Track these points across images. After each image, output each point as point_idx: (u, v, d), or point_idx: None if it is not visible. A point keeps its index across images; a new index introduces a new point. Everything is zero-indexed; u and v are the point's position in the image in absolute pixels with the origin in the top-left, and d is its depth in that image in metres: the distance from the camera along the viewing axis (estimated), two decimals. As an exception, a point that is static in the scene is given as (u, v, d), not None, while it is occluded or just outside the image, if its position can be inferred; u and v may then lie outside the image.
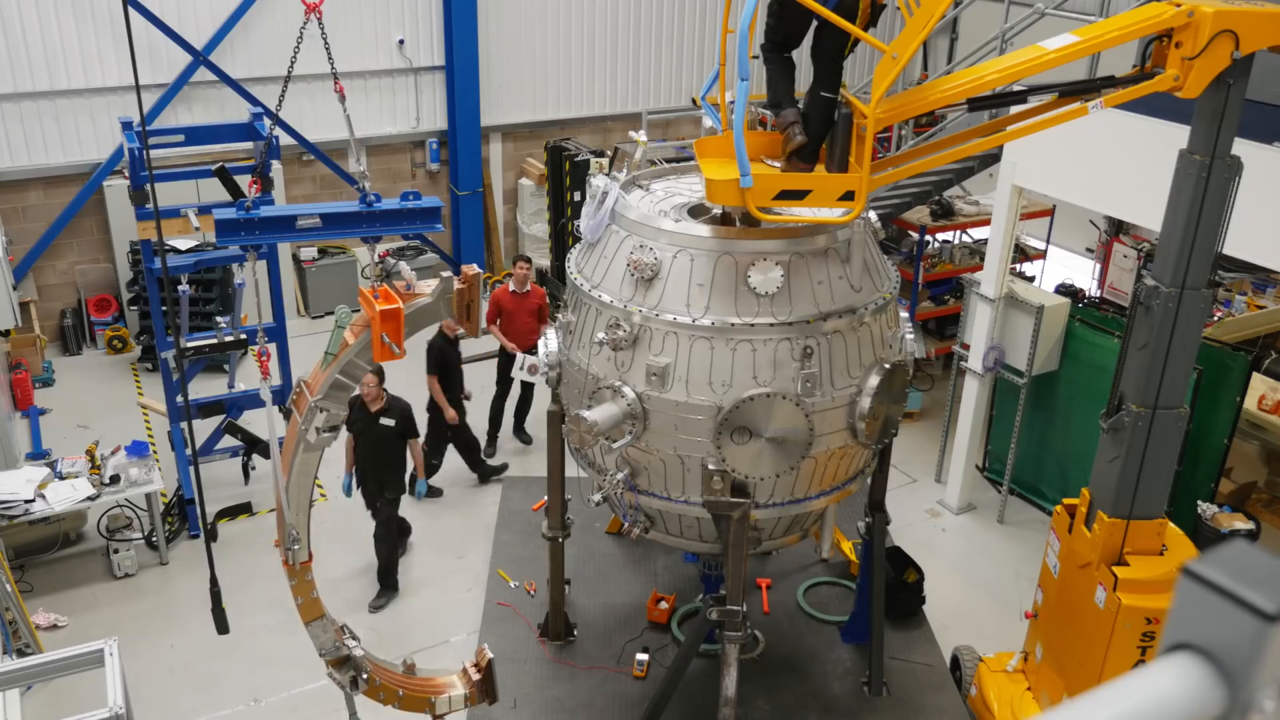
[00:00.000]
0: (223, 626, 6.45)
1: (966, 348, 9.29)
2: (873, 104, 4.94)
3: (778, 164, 5.63)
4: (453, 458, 10.00)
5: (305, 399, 5.34)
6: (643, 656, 7.31)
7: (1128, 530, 5.91)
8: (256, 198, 6.29)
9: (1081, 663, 6.13)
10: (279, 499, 5.51)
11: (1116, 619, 5.80)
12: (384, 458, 8.16)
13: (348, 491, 8.27)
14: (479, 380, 11.82)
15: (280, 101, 6.79)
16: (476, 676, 6.02)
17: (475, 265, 5.47)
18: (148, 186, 8.28)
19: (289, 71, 6.78)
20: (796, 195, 5.22)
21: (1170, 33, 4.98)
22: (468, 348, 12.38)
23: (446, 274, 5.45)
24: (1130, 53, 5.56)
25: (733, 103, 5.65)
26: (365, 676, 5.77)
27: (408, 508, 9.55)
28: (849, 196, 5.17)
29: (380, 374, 7.86)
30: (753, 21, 4.96)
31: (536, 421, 10.28)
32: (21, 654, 7.13)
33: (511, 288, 10.10)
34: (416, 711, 6.02)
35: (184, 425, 8.81)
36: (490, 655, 6.06)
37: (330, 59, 7.05)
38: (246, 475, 9.51)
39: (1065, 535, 6.33)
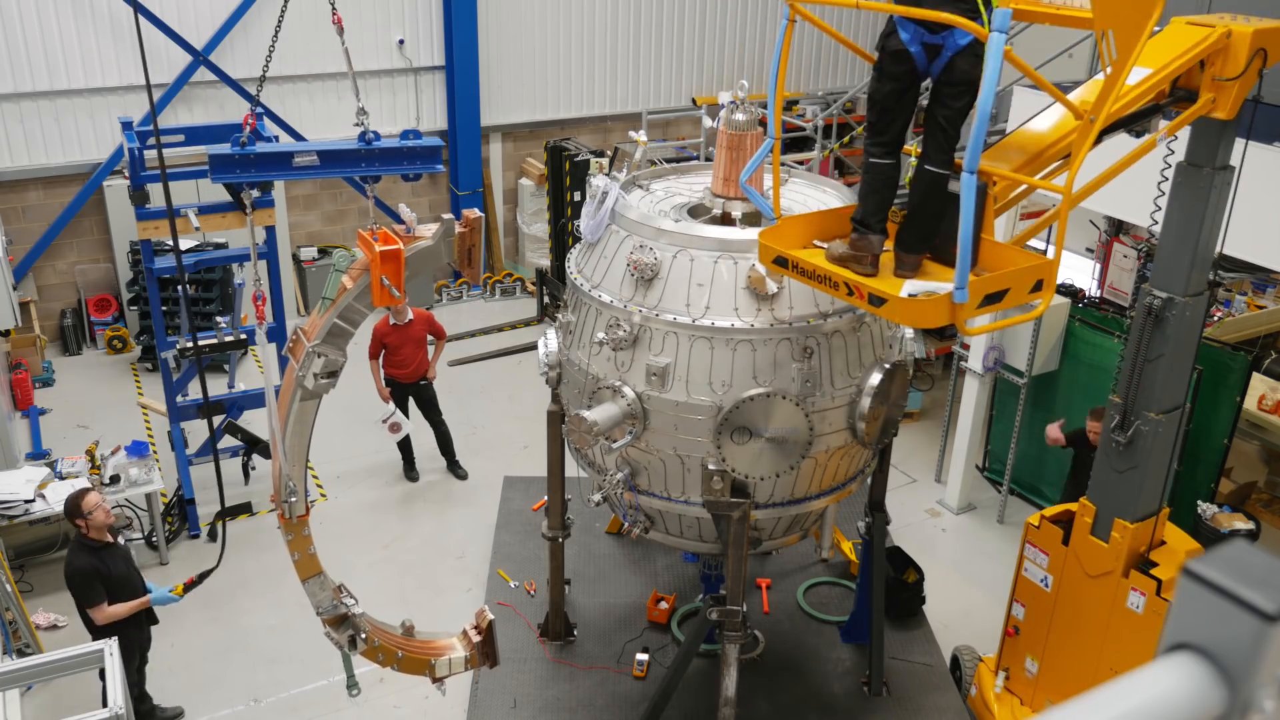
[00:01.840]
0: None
1: (966, 348, 9.30)
2: (1070, 178, 4.25)
3: (825, 245, 4.81)
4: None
5: (302, 345, 5.20)
6: (643, 656, 7.31)
7: (1156, 529, 5.94)
8: (251, 134, 5.97)
9: (1114, 668, 6.07)
10: (274, 450, 5.35)
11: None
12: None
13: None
14: (486, 379, 11.83)
15: (265, 70, 6.37)
16: (477, 639, 5.88)
17: (476, 209, 5.33)
18: (148, 187, 8.31)
19: (275, 35, 6.39)
20: (996, 298, 4.42)
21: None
22: (483, 344, 12.40)
23: (447, 216, 5.35)
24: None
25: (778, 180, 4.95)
26: (363, 637, 5.62)
27: (412, 506, 9.55)
28: (1038, 287, 4.52)
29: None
30: (783, 55, 4.56)
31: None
32: (21, 654, 7.13)
33: (391, 319, 9.19)
34: (415, 674, 5.91)
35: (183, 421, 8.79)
36: (491, 616, 5.91)
37: None
38: (246, 475, 9.51)
39: (1058, 547, 6.31)
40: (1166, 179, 5.53)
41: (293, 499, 5.44)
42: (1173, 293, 5.51)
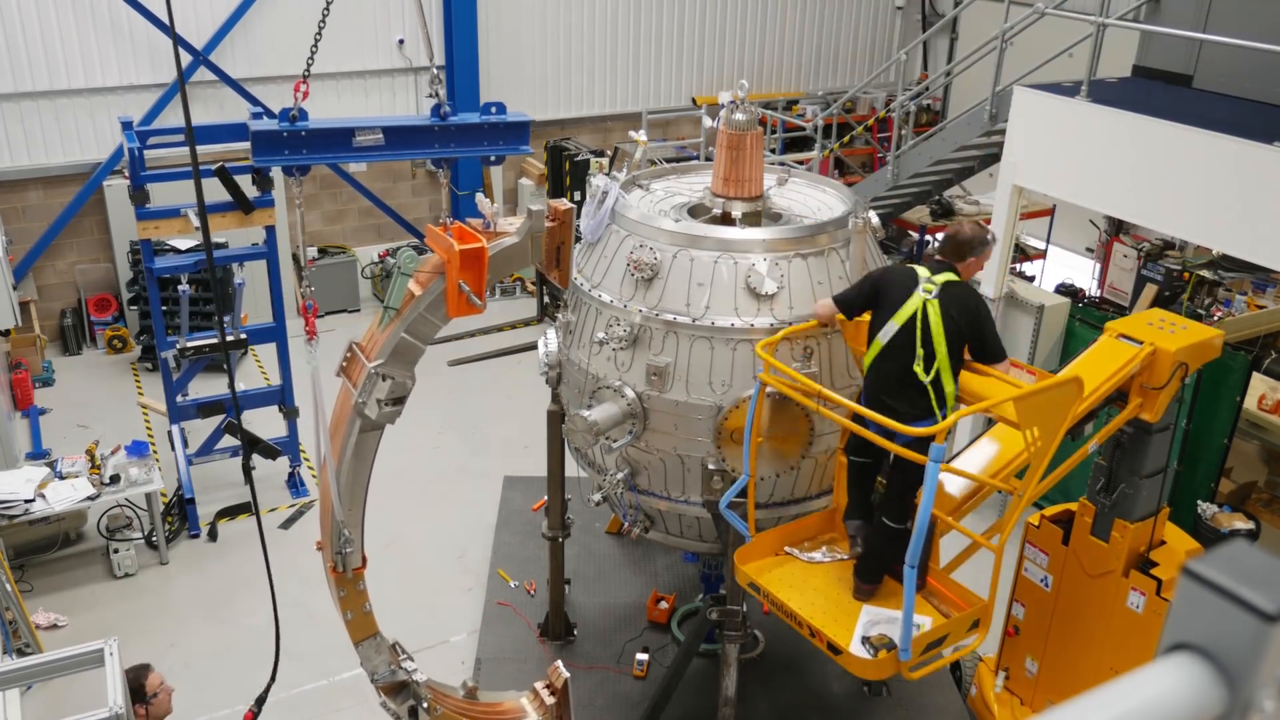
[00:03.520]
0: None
1: (966, 348, 9.29)
2: (1003, 536, 4.94)
3: (796, 551, 5.58)
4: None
5: (360, 364, 4.46)
6: (643, 656, 7.31)
7: (1155, 528, 5.96)
8: (300, 110, 4.89)
9: (1114, 668, 6.07)
10: (324, 491, 4.64)
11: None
12: None
13: None
14: (486, 379, 11.83)
15: (310, 63, 5.51)
16: (551, 699, 5.24)
17: (565, 200, 4.74)
18: (148, 186, 8.31)
19: (320, 27, 5.54)
20: (938, 643, 5.08)
21: None
22: (483, 344, 12.41)
23: (536, 207, 4.68)
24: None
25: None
26: (425, 706, 4.95)
27: (412, 506, 9.56)
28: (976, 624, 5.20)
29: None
30: (757, 414, 5.09)
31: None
32: (21, 654, 7.12)
33: None
34: None
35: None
36: (566, 675, 5.27)
37: None
38: (247, 475, 9.50)
39: (1058, 547, 6.29)
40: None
41: (348, 549, 4.70)
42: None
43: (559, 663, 5.45)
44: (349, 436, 4.57)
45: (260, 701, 5.79)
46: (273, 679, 5.73)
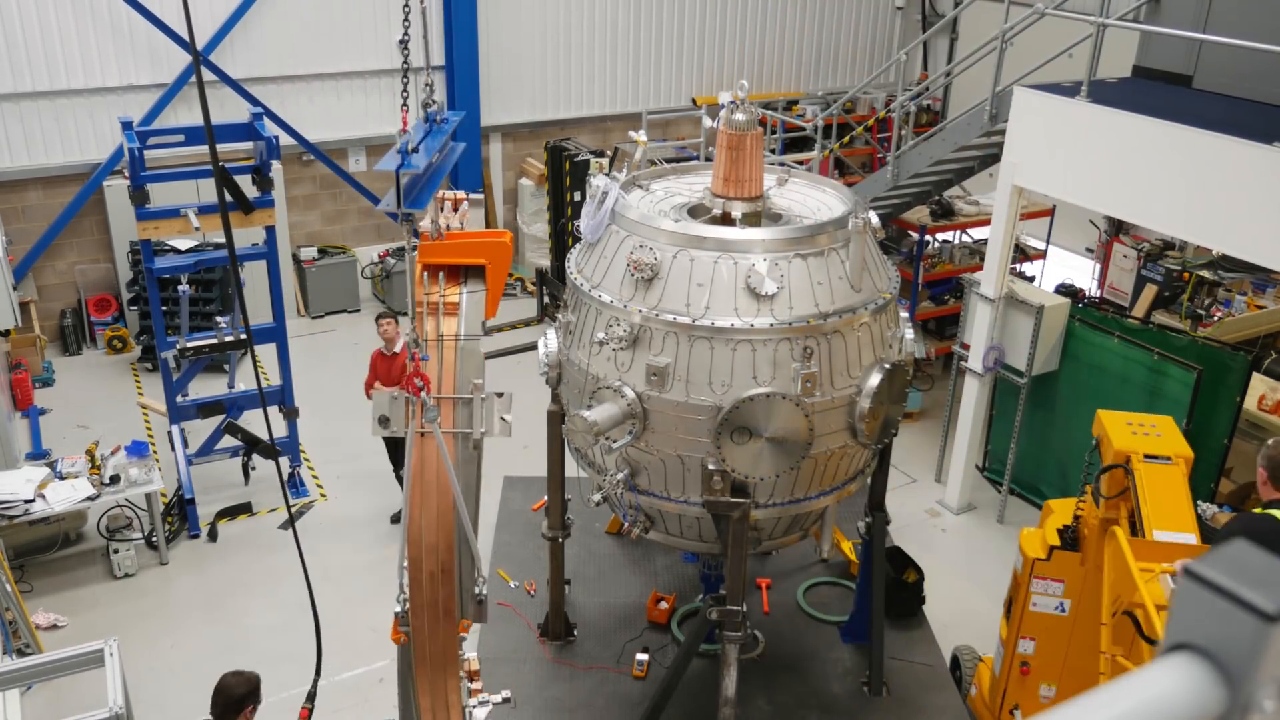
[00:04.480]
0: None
1: (966, 348, 9.29)
2: None
3: None
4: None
5: (435, 406, 4.54)
6: (643, 656, 7.31)
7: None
8: (410, 145, 4.66)
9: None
10: (414, 566, 4.48)
11: None
12: None
13: None
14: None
15: (406, 59, 5.08)
16: (478, 686, 5.34)
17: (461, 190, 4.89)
18: (147, 186, 8.32)
19: (406, 27, 5.06)
20: None
21: None
22: (483, 344, 12.38)
23: (475, 195, 4.88)
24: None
25: None
26: None
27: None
28: None
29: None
30: None
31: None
32: (21, 654, 7.13)
33: (382, 348, 9.11)
34: None
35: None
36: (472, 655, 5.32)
37: None
38: (246, 475, 9.51)
39: (1075, 570, 6.20)
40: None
41: (484, 592, 4.67)
42: None
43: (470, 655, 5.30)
44: (472, 481, 4.66)
45: (311, 697, 5.84)
46: (318, 674, 5.78)
